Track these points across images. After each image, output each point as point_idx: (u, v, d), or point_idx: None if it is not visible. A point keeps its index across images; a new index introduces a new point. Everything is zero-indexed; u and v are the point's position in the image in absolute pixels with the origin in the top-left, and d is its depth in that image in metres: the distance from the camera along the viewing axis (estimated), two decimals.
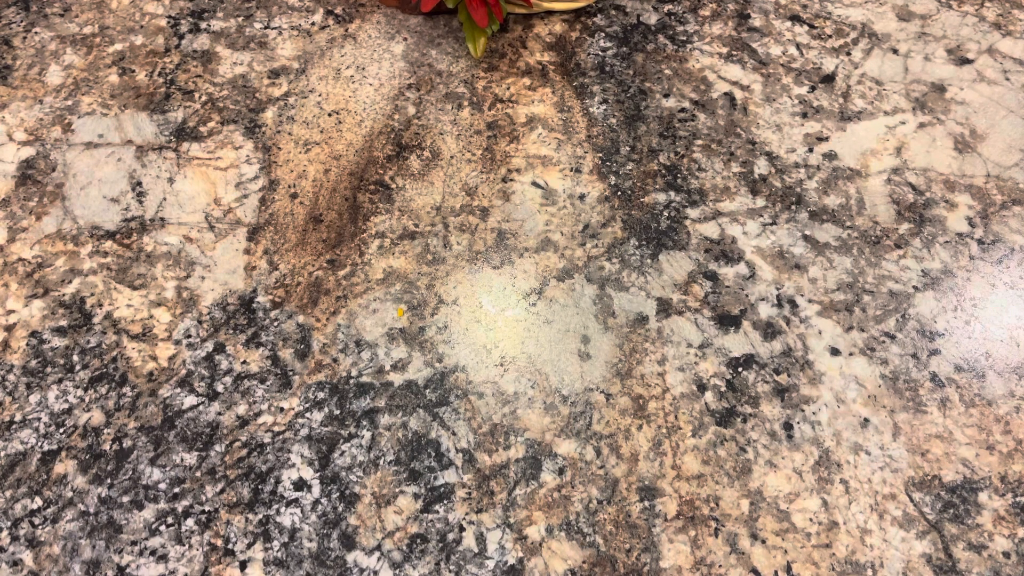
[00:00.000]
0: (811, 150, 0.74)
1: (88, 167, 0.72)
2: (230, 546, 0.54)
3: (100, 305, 0.64)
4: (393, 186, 0.71)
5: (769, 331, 0.63)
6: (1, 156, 0.72)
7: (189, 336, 0.63)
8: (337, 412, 0.60)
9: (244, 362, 0.62)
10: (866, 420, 0.59)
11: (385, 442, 0.58)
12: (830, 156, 0.73)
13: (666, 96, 0.77)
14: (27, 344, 0.62)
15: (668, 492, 0.56)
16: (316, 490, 0.56)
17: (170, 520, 0.55)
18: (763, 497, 0.56)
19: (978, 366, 0.62)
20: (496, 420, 0.59)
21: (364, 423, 0.59)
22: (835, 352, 0.62)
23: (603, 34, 0.82)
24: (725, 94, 0.77)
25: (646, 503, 0.56)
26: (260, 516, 0.55)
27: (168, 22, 0.82)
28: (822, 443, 0.58)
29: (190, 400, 0.60)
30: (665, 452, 0.58)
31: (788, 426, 0.59)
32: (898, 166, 0.72)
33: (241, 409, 0.60)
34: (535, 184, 0.71)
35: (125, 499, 0.56)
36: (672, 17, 0.84)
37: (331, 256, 0.67)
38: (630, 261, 0.67)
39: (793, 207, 0.70)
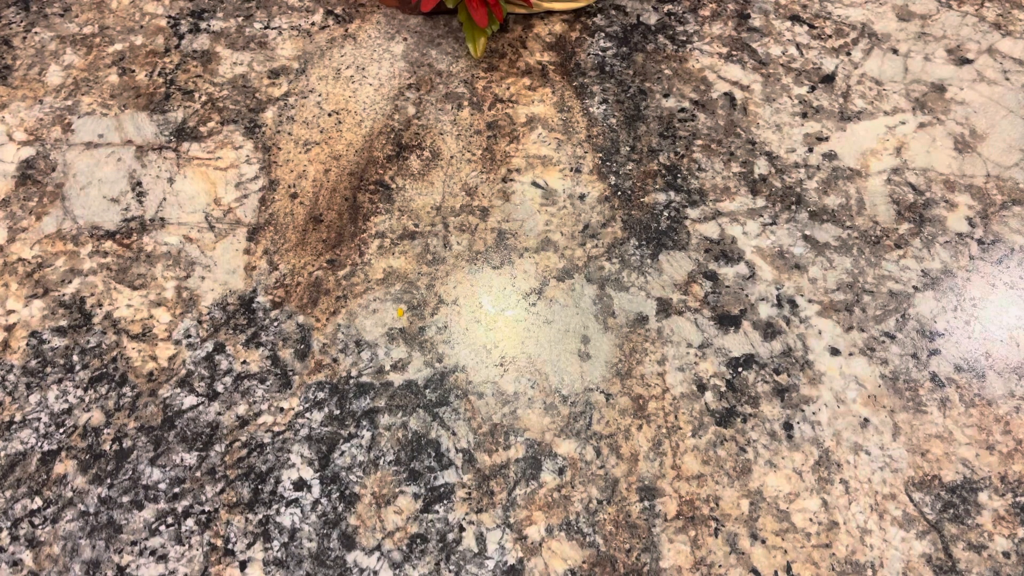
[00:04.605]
0: (811, 150, 0.74)
1: (88, 167, 0.72)
2: (230, 546, 0.54)
3: (100, 305, 0.64)
4: (393, 186, 0.71)
5: (769, 331, 0.63)
6: (1, 156, 0.72)
7: (189, 336, 0.63)
8: (337, 412, 0.60)
9: (244, 362, 0.62)
10: (866, 420, 0.59)
11: (385, 442, 0.58)
12: (830, 156, 0.73)
13: (666, 96, 0.77)
14: (27, 344, 0.62)
15: (668, 492, 0.56)
16: (316, 490, 0.56)
17: (170, 520, 0.55)
18: (763, 497, 0.56)
19: (978, 366, 0.62)
20: (496, 420, 0.59)
21: (364, 423, 0.59)
22: (835, 352, 0.62)
23: (603, 34, 0.82)
24: (725, 94, 0.77)
25: (646, 503, 0.56)
26: (260, 516, 0.55)
27: (168, 22, 0.82)
28: (822, 443, 0.58)
29: (190, 400, 0.60)
30: (665, 452, 0.58)
31: (788, 426, 0.59)
32: (898, 166, 0.72)
33: (241, 409, 0.60)
34: (535, 184, 0.71)
35: (125, 499, 0.56)
36: (672, 17, 0.84)
37: (331, 256, 0.67)
38: (630, 261, 0.67)
39: (793, 207, 0.70)
